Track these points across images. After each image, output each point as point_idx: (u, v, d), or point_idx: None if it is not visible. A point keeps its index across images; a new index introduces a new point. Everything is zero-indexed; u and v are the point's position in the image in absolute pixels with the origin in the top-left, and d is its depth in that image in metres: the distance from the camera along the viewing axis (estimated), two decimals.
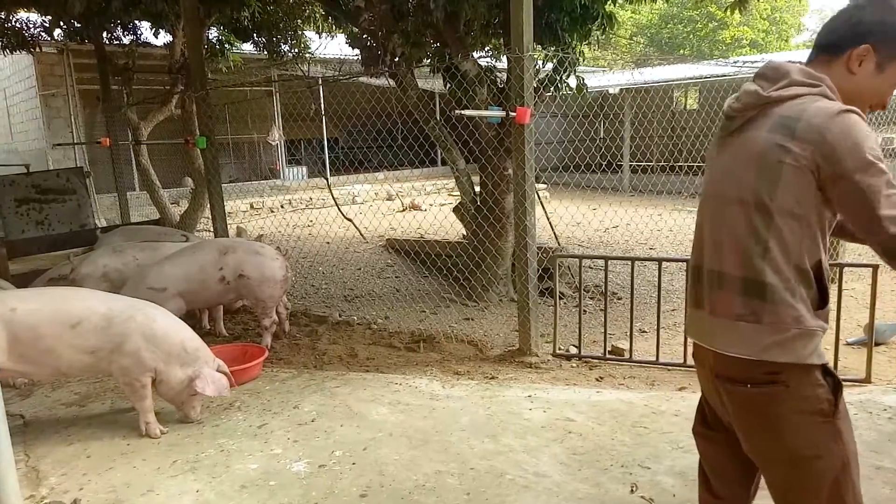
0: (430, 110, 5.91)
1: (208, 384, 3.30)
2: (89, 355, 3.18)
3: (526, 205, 4.25)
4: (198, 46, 6.60)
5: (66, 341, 3.13)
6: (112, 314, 3.22)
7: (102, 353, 3.19)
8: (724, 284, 1.64)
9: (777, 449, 1.63)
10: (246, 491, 2.81)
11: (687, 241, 8.55)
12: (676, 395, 3.71)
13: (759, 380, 1.59)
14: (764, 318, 1.56)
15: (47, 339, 3.11)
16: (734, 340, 1.61)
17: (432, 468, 2.94)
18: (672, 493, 2.68)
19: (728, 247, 1.63)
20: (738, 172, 1.60)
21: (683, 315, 4.32)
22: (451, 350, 4.68)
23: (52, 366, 3.19)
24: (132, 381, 3.26)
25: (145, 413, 3.33)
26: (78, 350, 3.16)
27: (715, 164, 1.72)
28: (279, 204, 13.49)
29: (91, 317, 3.17)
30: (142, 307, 3.36)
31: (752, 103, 1.61)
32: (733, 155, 1.63)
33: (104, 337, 3.18)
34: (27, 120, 13.93)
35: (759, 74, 1.65)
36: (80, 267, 4.69)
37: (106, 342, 3.18)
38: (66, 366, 3.21)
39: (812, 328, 1.55)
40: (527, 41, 4.08)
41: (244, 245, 4.75)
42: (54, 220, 8.56)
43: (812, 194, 1.50)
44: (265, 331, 4.75)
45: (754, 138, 1.57)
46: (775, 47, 28.10)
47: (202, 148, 6.13)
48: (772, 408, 1.59)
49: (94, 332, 3.16)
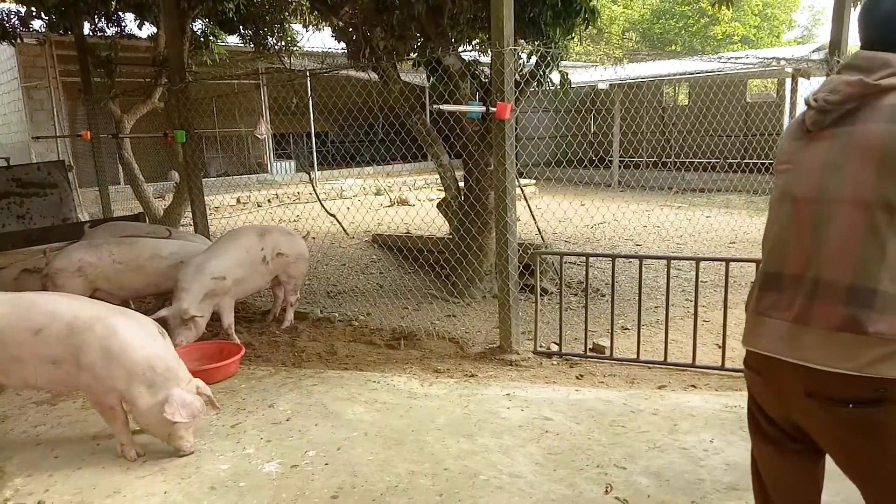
0: (411, 105, 5.83)
1: (177, 409, 2.88)
2: (53, 366, 2.91)
3: (507, 201, 4.20)
4: (178, 38, 6.50)
5: (28, 349, 2.90)
6: (76, 322, 2.92)
7: (67, 365, 2.91)
8: (823, 292, 1.48)
9: (886, 470, 1.48)
10: (215, 492, 2.76)
11: (672, 238, 8.54)
12: (655, 394, 3.68)
13: (864, 398, 1.44)
14: (870, 329, 1.41)
15: (11, 347, 2.91)
16: (833, 354, 1.46)
17: (406, 468, 2.91)
18: (647, 494, 2.65)
19: (832, 251, 1.48)
20: (849, 169, 1.46)
21: (664, 312, 4.33)
22: (432, 347, 4.64)
23: (20, 376, 2.97)
24: (96, 401, 3.01)
25: (119, 435, 3.05)
26: (42, 360, 2.91)
27: (803, 161, 1.58)
28: (266, 198, 13.38)
29: (53, 324, 2.91)
30: (108, 316, 2.99)
31: (855, 94, 1.49)
32: (838, 151, 1.49)
33: (65, 347, 2.90)
34: (9, 112, 13.74)
35: (850, 66, 1.55)
36: (54, 261, 4.60)
37: (67, 353, 2.90)
38: (33, 377, 2.96)
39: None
40: (507, 35, 4.03)
41: (278, 227, 5.23)
42: (35, 214, 8.43)
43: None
44: (290, 307, 5.18)
45: (869, 132, 1.45)
46: (766, 43, 28.15)
47: (181, 142, 6.04)
48: (880, 429, 1.45)
49: (56, 341, 2.89)
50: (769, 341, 1.60)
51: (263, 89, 14.54)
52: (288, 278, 5.08)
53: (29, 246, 7.50)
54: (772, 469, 1.75)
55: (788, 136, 1.67)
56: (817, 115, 1.55)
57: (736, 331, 4.71)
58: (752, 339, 1.67)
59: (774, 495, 1.75)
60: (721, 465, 2.85)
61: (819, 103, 1.55)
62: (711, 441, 3.06)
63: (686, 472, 2.81)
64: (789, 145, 1.65)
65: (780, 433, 1.67)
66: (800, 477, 1.70)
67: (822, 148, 1.54)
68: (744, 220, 9.51)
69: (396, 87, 5.75)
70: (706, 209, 11.10)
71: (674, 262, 5.23)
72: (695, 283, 4.25)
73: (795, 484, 1.72)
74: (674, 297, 4.66)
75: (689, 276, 6.27)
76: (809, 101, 1.58)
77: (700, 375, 4.00)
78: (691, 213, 10.52)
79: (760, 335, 1.64)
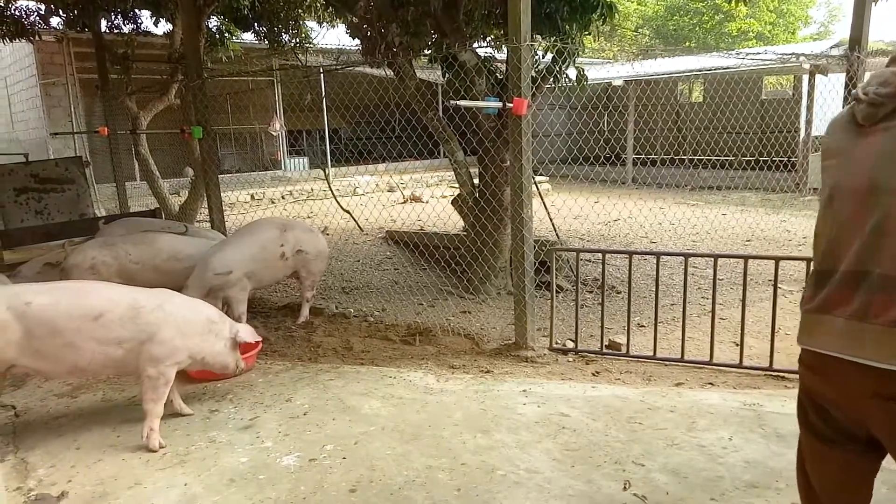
0: (427, 101, 5.83)
1: (247, 334, 3.50)
2: (114, 347, 3.07)
3: (523, 197, 4.20)
4: (194, 35, 6.54)
5: (87, 335, 3.02)
6: (138, 304, 3.14)
7: (131, 343, 3.09)
8: (883, 287, 1.46)
9: None
10: (234, 485, 2.78)
11: (688, 235, 8.48)
12: (672, 391, 3.66)
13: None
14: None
15: (66, 334, 3.00)
16: (895, 351, 1.43)
17: (423, 463, 2.91)
18: (665, 491, 2.64)
19: (891, 245, 1.45)
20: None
21: (681, 310, 4.30)
22: (448, 343, 4.64)
23: (71, 362, 3.06)
24: (157, 375, 3.13)
25: (153, 418, 3.15)
26: (103, 343, 3.05)
27: (855, 154, 1.57)
28: (280, 195, 13.45)
29: (115, 308, 3.08)
30: (162, 293, 3.30)
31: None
32: (893, 142, 1.49)
33: (133, 327, 3.09)
34: (27, 109, 13.90)
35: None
36: (69, 257, 4.66)
37: (134, 333, 3.09)
38: (86, 361, 3.07)
39: None
40: (524, 31, 4.02)
41: (300, 223, 5.27)
42: (53, 209, 8.52)
43: None
44: (306, 303, 5.23)
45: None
46: (782, 39, 27.84)
47: (198, 138, 6.08)
48: None
49: (120, 323, 3.07)
50: (827, 339, 1.57)
51: (277, 86, 14.61)
52: (307, 274, 5.12)
53: (47, 241, 7.59)
54: (823, 468, 1.71)
55: (834, 131, 1.65)
56: (869, 108, 1.54)
57: (753, 328, 4.72)
58: (809, 337, 1.64)
59: (823, 496, 1.72)
60: (740, 463, 2.83)
61: (870, 97, 1.54)
62: (730, 439, 3.05)
63: (705, 470, 2.79)
64: (836, 141, 1.63)
65: (837, 432, 1.64)
66: (852, 478, 1.67)
67: (876, 140, 1.53)
68: (760, 218, 9.44)
69: (412, 84, 5.75)
70: (722, 207, 11.01)
71: (690, 260, 5.20)
72: (712, 279, 4.22)
73: (848, 485, 1.68)
74: (690, 294, 4.63)
75: (705, 274, 6.23)
76: (859, 96, 1.57)
77: (717, 373, 3.98)
78: (706, 211, 10.45)
79: (817, 333, 1.61)
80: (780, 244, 7.89)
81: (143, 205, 10.19)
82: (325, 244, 5.28)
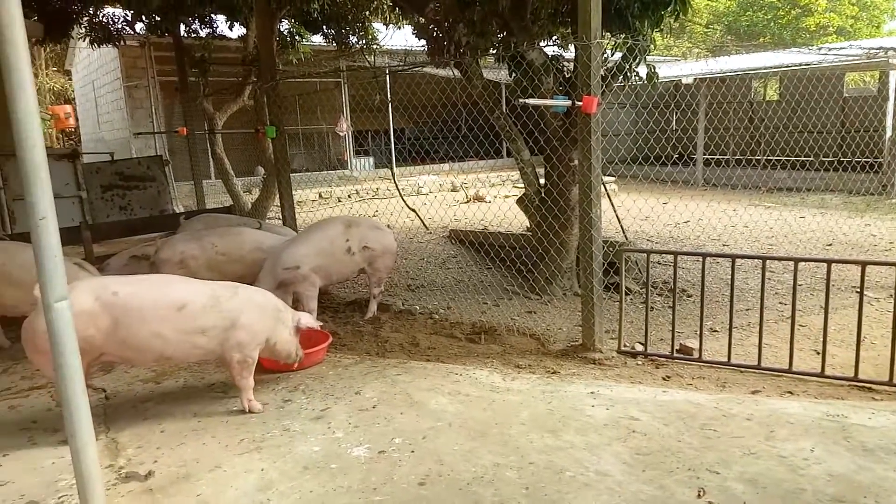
0: (495, 100, 5.83)
1: (310, 321, 3.71)
2: (198, 336, 3.25)
3: (591, 196, 4.14)
4: (268, 38, 6.76)
5: (172, 324, 3.19)
6: (217, 294, 3.34)
7: (216, 331, 3.28)
8: None
9: None
10: (308, 472, 2.86)
11: (763, 238, 8.15)
12: (749, 399, 3.53)
13: None
14: None
15: (153, 324, 3.16)
16: None
17: (491, 460, 2.92)
18: (742, 501, 2.55)
19: None
20: None
21: (758, 315, 4.13)
22: (513, 343, 4.63)
23: (158, 350, 3.23)
24: (242, 359, 3.36)
25: (248, 391, 3.46)
26: (187, 332, 3.22)
27: None
28: (346, 194, 13.73)
29: (197, 298, 3.27)
30: (236, 284, 3.54)
31: None
32: None
33: (216, 315, 3.28)
34: (112, 110, 14.71)
35: None
36: (160, 251, 4.90)
37: (218, 321, 3.28)
38: (171, 349, 3.24)
39: None
40: (594, 28, 3.96)
41: (366, 220, 5.36)
42: (136, 205, 9.00)
43: None
44: (374, 299, 5.33)
45: None
46: (865, 34, 26.32)
47: (272, 137, 6.29)
48: None
49: (202, 312, 3.25)
50: None
51: (344, 87, 14.92)
52: (373, 271, 5.21)
53: (130, 235, 8.03)
54: None
55: None
56: None
57: (836, 336, 4.50)
58: None
59: None
60: (823, 476, 2.71)
61: None
62: (812, 450, 2.91)
63: (785, 481, 2.68)
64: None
65: None
66: None
67: None
68: (842, 221, 8.96)
69: (480, 83, 5.76)
70: (799, 209, 10.52)
71: (766, 264, 5.00)
72: (792, 284, 4.04)
73: None
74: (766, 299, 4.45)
75: (782, 279, 5.98)
76: None
77: (797, 382, 3.81)
78: (783, 213, 10.01)
79: None
80: (864, 249, 7.48)
81: (218, 202, 10.62)
82: (393, 241, 5.32)
